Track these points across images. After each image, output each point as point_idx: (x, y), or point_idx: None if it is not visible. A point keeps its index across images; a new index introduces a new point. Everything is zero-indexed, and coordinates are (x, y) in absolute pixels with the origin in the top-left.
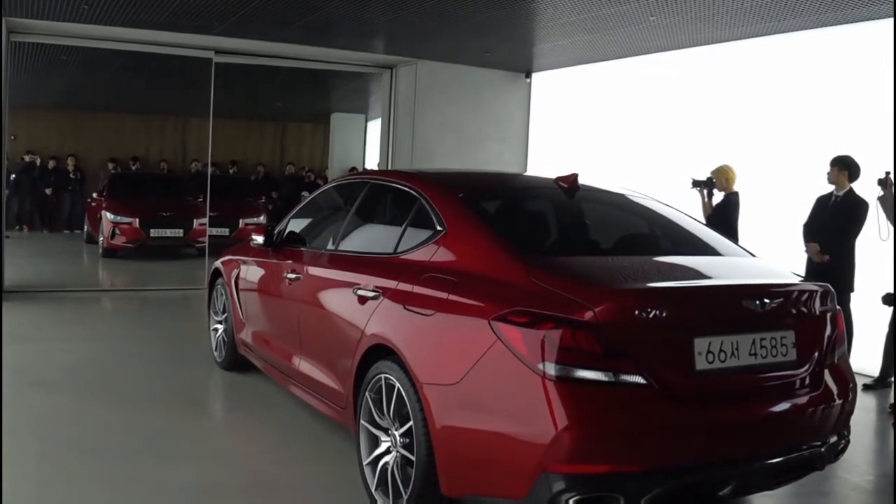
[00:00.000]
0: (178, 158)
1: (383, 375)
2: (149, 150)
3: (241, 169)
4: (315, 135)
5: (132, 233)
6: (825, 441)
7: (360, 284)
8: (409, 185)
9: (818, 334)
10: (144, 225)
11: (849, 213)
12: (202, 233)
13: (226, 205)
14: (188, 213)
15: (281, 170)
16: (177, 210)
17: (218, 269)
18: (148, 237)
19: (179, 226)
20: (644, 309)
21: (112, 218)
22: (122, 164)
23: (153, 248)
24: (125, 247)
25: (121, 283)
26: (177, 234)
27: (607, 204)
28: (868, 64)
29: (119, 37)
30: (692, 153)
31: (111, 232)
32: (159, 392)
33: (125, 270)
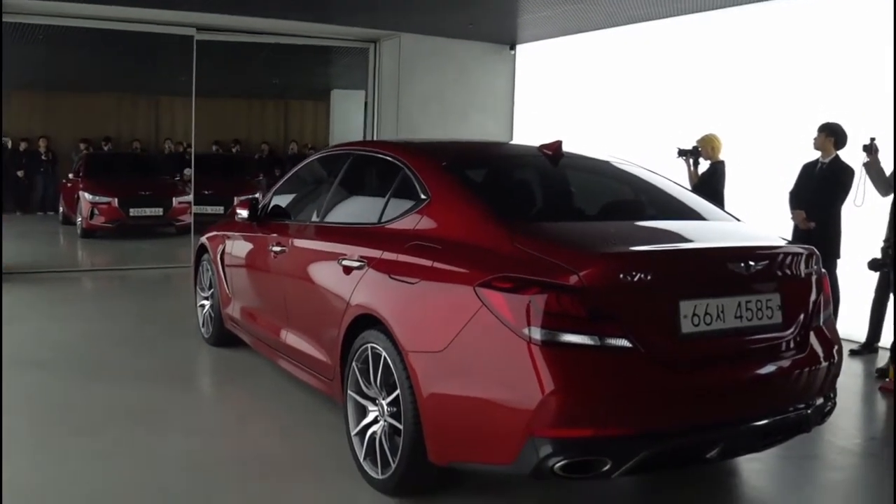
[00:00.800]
0: (151, 138)
1: (369, 345)
2: (121, 130)
3: (246, 147)
4: (317, 112)
5: (111, 213)
6: (811, 403)
7: (345, 255)
8: (393, 154)
9: (804, 297)
10: (124, 204)
11: (835, 180)
12: (182, 211)
13: (221, 183)
14: (167, 191)
15: (285, 148)
16: (156, 189)
17: (203, 245)
18: (127, 217)
19: (159, 205)
20: (629, 272)
21: (90, 198)
22: (93, 144)
23: (132, 228)
24: (104, 227)
25: (103, 262)
26: (156, 213)
27: (592, 171)
28: (854, 31)
29: (97, 14)
30: (678, 122)
31: (90, 212)
32: (148, 368)
33: (106, 250)
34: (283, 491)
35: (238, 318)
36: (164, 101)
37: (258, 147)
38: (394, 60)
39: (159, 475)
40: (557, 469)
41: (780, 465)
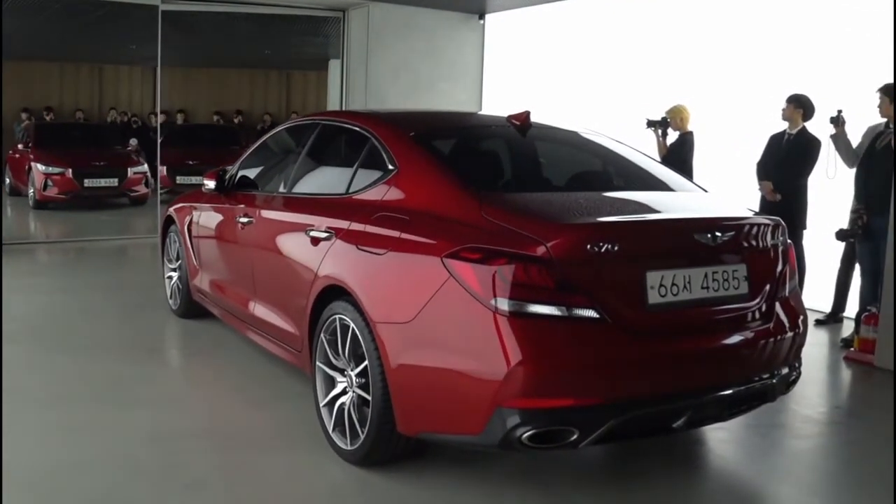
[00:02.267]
0: (94, 108)
1: (338, 316)
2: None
3: (248, 119)
4: (319, 82)
5: (65, 183)
6: (777, 373)
7: (312, 226)
8: (361, 125)
9: (770, 268)
10: (78, 175)
11: (802, 152)
12: (137, 182)
13: (205, 153)
14: (122, 162)
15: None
16: (110, 159)
17: (171, 216)
18: (82, 188)
19: (114, 175)
20: (596, 243)
21: (43, 169)
22: (35, 114)
23: (86, 199)
24: (58, 198)
25: (58, 234)
26: (111, 184)
27: (560, 142)
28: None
29: None
30: (647, 93)
31: (43, 183)
32: (115, 340)
33: (60, 222)
34: (251, 462)
35: (206, 290)
36: (108, 69)
37: (260, 118)
38: (363, 30)
39: (126, 447)
40: (525, 439)
41: (746, 434)
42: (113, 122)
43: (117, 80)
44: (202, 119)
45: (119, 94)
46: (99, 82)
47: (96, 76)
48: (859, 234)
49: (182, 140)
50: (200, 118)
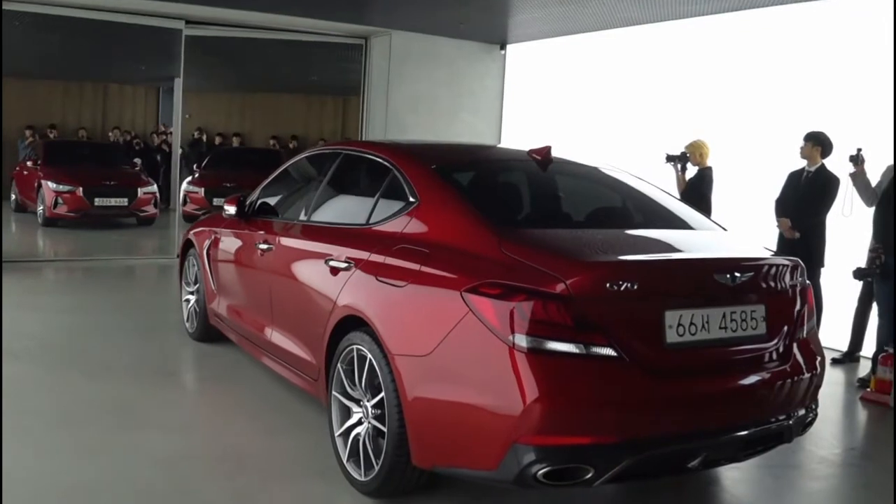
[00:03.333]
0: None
1: (355, 346)
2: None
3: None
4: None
5: (76, 202)
6: (793, 414)
7: (332, 255)
8: (382, 156)
9: (788, 308)
10: (88, 194)
11: (820, 189)
12: (146, 201)
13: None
14: (132, 181)
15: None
16: (121, 179)
17: (190, 240)
18: (92, 206)
19: (124, 195)
20: (615, 281)
21: (55, 187)
22: (38, 132)
23: (95, 218)
24: (67, 216)
25: (68, 252)
26: (121, 204)
27: (580, 177)
28: (843, 40)
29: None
30: (666, 127)
31: (53, 201)
32: (130, 362)
33: (70, 239)
34: (263, 490)
35: (223, 315)
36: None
37: (315, 143)
38: (384, 58)
39: (138, 471)
40: (540, 476)
41: (760, 475)
42: (116, 141)
43: (121, 99)
44: (259, 143)
45: (122, 113)
46: (103, 101)
47: (100, 95)
48: (877, 274)
49: (224, 162)
50: (258, 142)
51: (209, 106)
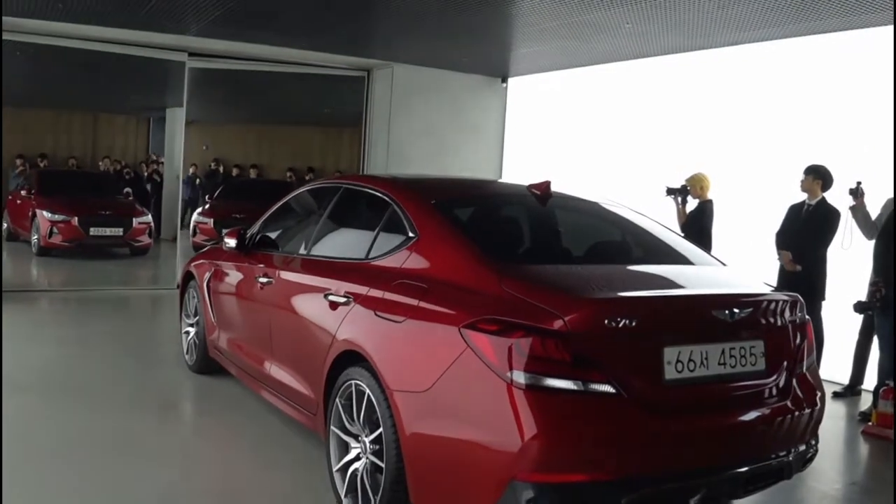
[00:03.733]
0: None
1: (354, 381)
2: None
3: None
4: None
5: (71, 231)
6: (793, 450)
7: (331, 290)
8: (382, 190)
9: (787, 344)
10: (83, 223)
11: (821, 222)
12: (141, 231)
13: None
14: (127, 211)
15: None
16: (116, 209)
17: (190, 272)
18: (87, 236)
19: (119, 224)
20: (613, 318)
21: (49, 216)
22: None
23: (90, 248)
24: (62, 246)
25: (62, 282)
26: (116, 234)
27: (580, 212)
28: (839, 73)
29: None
30: (667, 160)
31: (48, 231)
32: (129, 394)
33: (64, 269)
34: None
35: (222, 347)
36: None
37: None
38: (386, 91)
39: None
40: None
41: None
42: (107, 171)
43: (111, 129)
44: (277, 175)
45: (113, 143)
46: (93, 131)
47: (90, 124)
48: (877, 307)
49: (235, 193)
50: (275, 174)
51: (226, 137)
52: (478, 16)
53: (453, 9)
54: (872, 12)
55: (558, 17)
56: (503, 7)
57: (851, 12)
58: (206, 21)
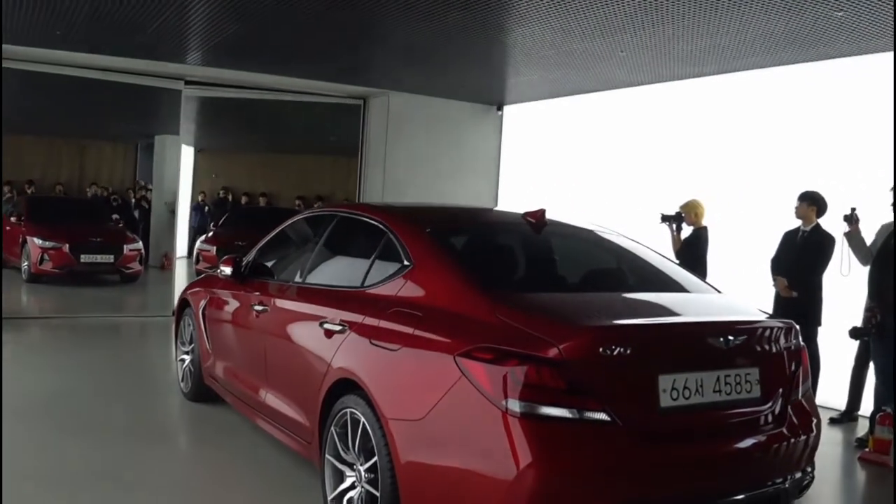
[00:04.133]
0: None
1: (349, 410)
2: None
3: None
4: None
5: (62, 258)
6: (789, 477)
7: (326, 318)
8: (377, 218)
9: (782, 371)
10: (74, 250)
11: (816, 249)
12: (132, 258)
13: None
14: (118, 238)
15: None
16: (107, 235)
17: (185, 300)
18: (78, 263)
19: (110, 251)
20: (608, 346)
21: (41, 243)
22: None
23: (80, 274)
24: (52, 273)
25: (53, 309)
26: (107, 260)
27: (575, 239)
28: (832, 100)
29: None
30: (662, 187)
31: (39, 257)
32: (124, 422)
33: (54, 296)
34: None
35: (218, 375)
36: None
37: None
38: (382, 119)
39: None
40: None
41: None
42: (95, 196)
43: (98, 155)
44: (286, 203)
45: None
46: (80, 157)
47: (77, 151)
48: (873, 333)
49: (241, 221)
50: (284, 202)
51: (236, 166)
52: (473, 45)
53: (448, 38)
54: (863, 40)
55: (553, 45)
56: (498, 36)
57: (841, 41)
58: (204, 49)
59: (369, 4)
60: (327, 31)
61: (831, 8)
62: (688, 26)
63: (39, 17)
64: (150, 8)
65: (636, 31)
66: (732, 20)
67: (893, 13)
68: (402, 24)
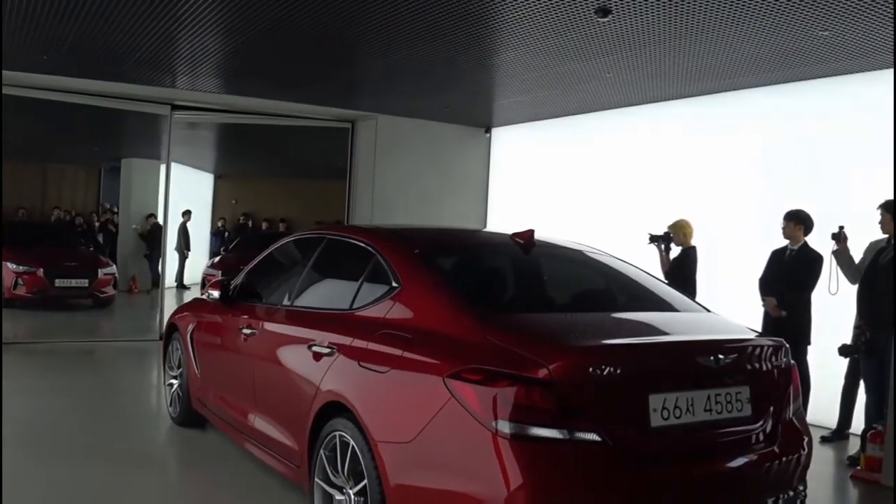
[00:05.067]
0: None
1: (338, 433)
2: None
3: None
4: None
5: (36, 283)
6: (781, 496)
7: (315, 341)
8: (365, 240)
9: (773, 389)
10: (49, 275)
11: (805, 267)
12: (106, 282)
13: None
14: (92, 262)
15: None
16: (81, 260)
17: (174, 324)
18: (52, 287)
19: (84, 276)
20: (598, 366)
21: (14, 268)
22: None
23: (54, 299)
24: (26, 297)
25: (27, 334)
26: (82, 285)
27: (564, 260)
28: (821, 119)
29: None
30: (650, 207)
31: (13, 282)
32: (111, 448)
33: (29, 321)
34: None
35: (206, 399)
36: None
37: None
38: (370, 141)
39: None
40: None
41: None
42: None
43: (61, 179)
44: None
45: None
46: (42, 180)
47: (39, 174)
48: (863, 351)
49: (250, 246)
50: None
51: (256, 192)
52: (460, 68)
53: (435, 61)
54: (849, 59)
55: (540, 68)
56: (485, 59)
57: (827, 60)
58: (191, 74)
59: (356, 29)
60: (315, 54)
61: (817, 28)
62: (674, 48)
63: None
64: (136, 34)
65: (623, 53)
66: (719, 41)
67: (893, 33)
68: (388, 48)
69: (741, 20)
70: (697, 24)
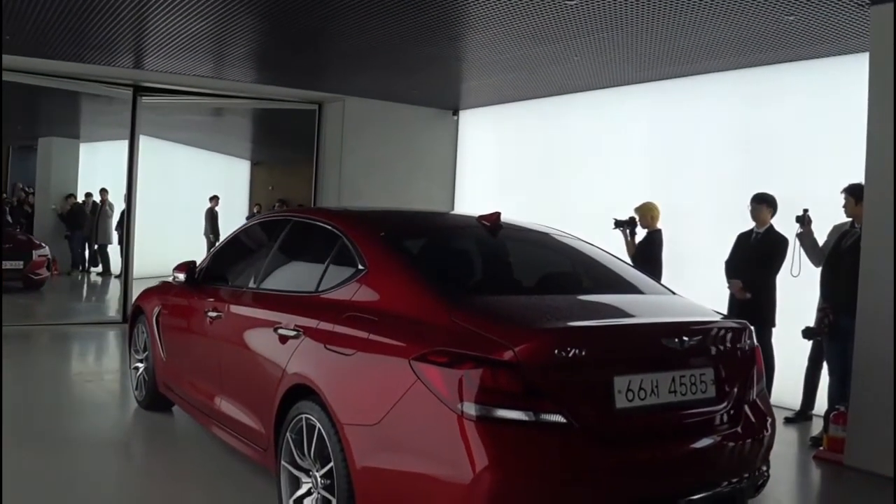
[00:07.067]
0: None
1: (304, 416)
2: None
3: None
4: None
5: None
6: (745, 476)
7: (281, 323)
8: (332, 223)
9: (737, 371)
10: None
11: (770, 250)
12: (40, 265)
13: None
14: (26, 244)
15: None
16: (15, 241)
17: (139, 307)
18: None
19: (19, 257)
20: (563, 348)
21: None
22: None
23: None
24: None
25: None
26: (16, 266)
27: (530, 242)
28: (785, 103)
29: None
30: (617, 190)
31: None
32: (75, 434)
33: None
34: None
35: (172, 383)
36: None
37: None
38: (337, 124)
39: None
40: None
41: None
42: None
43: None
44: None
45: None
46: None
47: None
48: (826, 333)
49: None
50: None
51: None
52: (428, 49)
53: (402, 42)
54: (814, 44)
55: (507, 50)
56: (453, 41)
57: (792, 45)
58: (156, 55)
59: (323, 10)
60: (281, 36)
61: (782, 12)
62: (641, 31)
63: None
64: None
65: (590, 36)
66: (686, 25)
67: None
68: (356, 29)
69: (707, 3)
70: (664, 8)
